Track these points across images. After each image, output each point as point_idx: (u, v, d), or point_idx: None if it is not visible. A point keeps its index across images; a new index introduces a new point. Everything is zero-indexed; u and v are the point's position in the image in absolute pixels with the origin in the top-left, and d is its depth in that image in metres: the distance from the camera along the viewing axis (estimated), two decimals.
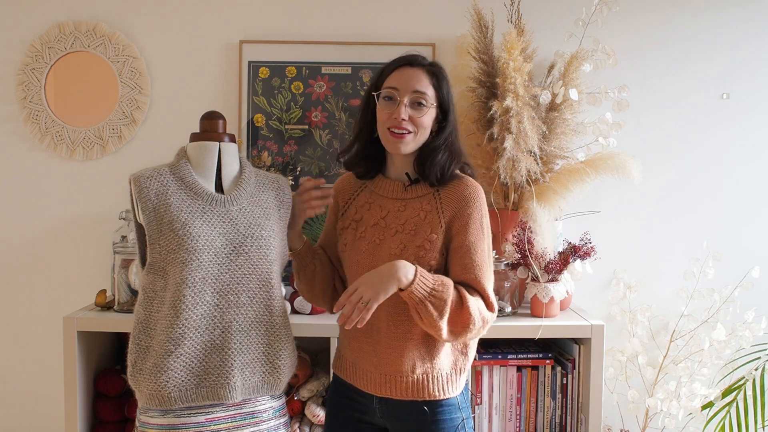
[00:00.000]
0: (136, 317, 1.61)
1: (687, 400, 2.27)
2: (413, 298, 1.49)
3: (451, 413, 1.62)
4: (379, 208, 1.66)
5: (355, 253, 1.64)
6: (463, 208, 1.59)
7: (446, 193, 1.62)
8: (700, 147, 2.45)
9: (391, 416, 1.64)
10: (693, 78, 2.43)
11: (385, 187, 1.67)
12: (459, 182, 1.63)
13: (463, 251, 1.58)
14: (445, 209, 1.60)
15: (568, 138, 2.24)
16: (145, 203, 1.58)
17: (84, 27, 2.37)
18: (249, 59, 2.39)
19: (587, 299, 2.42)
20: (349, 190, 1.74)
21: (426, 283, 1.49)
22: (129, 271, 2.09)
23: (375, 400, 1.64)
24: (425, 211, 1.61)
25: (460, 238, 1.58)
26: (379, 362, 1.61)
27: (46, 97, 2.39)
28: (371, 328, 1.61)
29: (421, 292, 1.48)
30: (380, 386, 1.62)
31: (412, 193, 1.64)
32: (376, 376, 1.62)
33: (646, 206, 2.46)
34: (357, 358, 1.66)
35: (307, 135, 2.40)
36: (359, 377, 1.65)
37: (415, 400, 1.60)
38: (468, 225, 1.58)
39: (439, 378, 1.61)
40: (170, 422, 1.55)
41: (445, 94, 1.61)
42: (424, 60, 1.62)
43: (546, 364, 2.09)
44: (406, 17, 2.40)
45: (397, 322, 1.59)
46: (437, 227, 1.59)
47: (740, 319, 2.34)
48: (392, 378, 1.60)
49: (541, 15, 2.38)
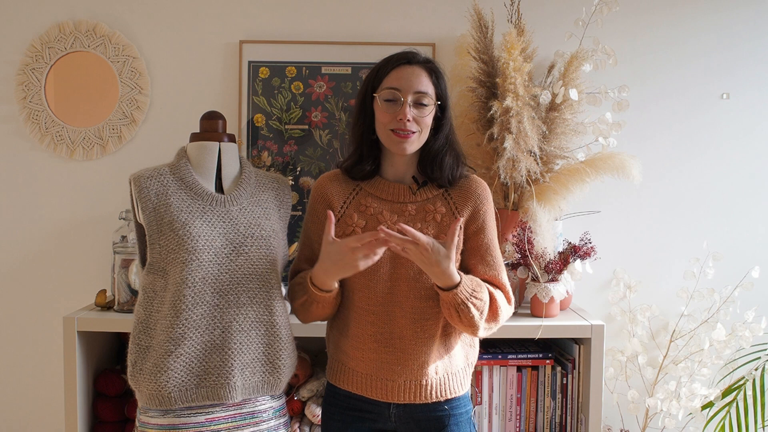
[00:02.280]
0: (136, 317, 1.61)
1: (687, 400, 2.27)
2: (457, 300, 1.48)
3: (465, 406, 1.65)
4: (389, 213, 1.60)
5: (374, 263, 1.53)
6: (480, 207, 1.60)
7: (458, 193, 1.61)
8: (700, 147, 2.45)
9: (408, 419, 1.62)
10: (693, 78, 2.44)
11: (388, 190, 1.62)
12: (469, 181, 1.62)
13: (483, 250, 1.60)
14: (460, 209, 1.60)
15: (568, 138, 2.24)
16: (145, 203, 1.58)
17: (84, 27, 2.37)
18: (249, 59, 2.39)
19: (587, 299, 2.42)
20: (342, 192, 1.64)
21: (468, 284, 1.50)
22: (129, 271, 2.09)
23: (392, 407, 1.62)
24: (440, 213, 1.60)
25: (480, 237, 1.60)
26: (402, 370, 1.58)
27: (46, 97, 2.39)
28: (392, 337, 1.58)
29: (465, 293, 1.48)
30: (402, 393, 1.59)
31: (420, 196, 1.61)
32: (397, 384, 1.58)
33: (646, 206, 2.46)
34: (372, 369, 1.60)
35: (307, 135, 2.40)
36: (375, 388, 1.60)
37: (437, 402, 1.60)
38: (485, 223, 1.61)
39: (457, 374, 1.63)
40: (170, 422, 1.55)
41: (442, 91, 1.60)
42: (420, 57, 1.59)
43: (546, 364, 2.09)
44: (406, 17, 2.40)
45: (423, 327, 1.57)
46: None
47: (740, 319, 2.34)
48: (417, 383, 1.58)
49: (541, 15, 2.38)
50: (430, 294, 1.56)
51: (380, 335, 1.58)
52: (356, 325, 1.61)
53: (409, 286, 1.56)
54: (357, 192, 1.64)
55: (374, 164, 1.63)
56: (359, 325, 1.61)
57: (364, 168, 1.63)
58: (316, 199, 1.67)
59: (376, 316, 1.58)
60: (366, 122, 1.61)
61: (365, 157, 1.63)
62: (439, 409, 1.61)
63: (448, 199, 1.61)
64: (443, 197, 1.61)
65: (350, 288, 1.61)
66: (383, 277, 1.57)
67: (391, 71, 1.57)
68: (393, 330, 1.57)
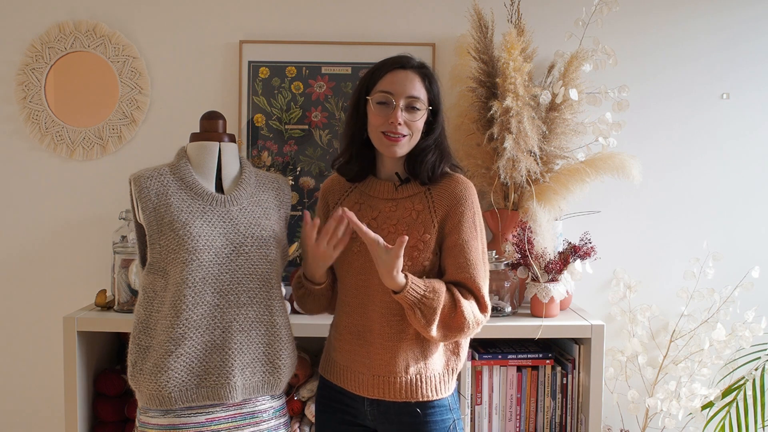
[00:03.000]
0: (137, 317, 1.61)
1: (687, 400, 2.27)
2: (406, 302, 1.51)
3: (442, 414, 1.62)
4: (370, 208, 1.65)
5: (347, 254, 1.63)
6: (456, 206, 1.59)
7: (438, 191, 1.61)
8: (700, 147, 2.45)
9: (383, 418, 1.63)
10: (693, 78, 2.44)
11: (376, 188, 1.66)
12: (450, 180, 1.63)
13: (456, 250, 1.57)
14: (437, 208, 1.60)
15: (568, 138, 2.24)
16: (145, 203, 1.58)
17: (84, 27, 2.37)
18: (249, 59, 2.39)
19: (587, 299, 2.42)
20: (339, 191, 1.73)
21: (417, 290, 1.50)
22: (129, 271, 2.09)
23: (366, 403, 1.63)
24: (417, 210, 1.61)
25: (453, 236, 1.58)
26: (371, 364, 1.60)
27: (46, 97, 2.39)
28: (363, 330, 1.61)
29: (411, 298, 1.50)
30: (372, 388, 1.61)
31: (402, 193, 1.64)
32: (368, 378, 1.61)
33: (646, 206, 2.46)
34: (348, 360, 1.65)
35: (307, 135, 2.40)
36: (350, 380, 1.65)
37: (407, 402, 1.60)
38: (461, 223, 1.58)
39: (432, 378, 1.61)
40: (170, 422, 1.55)
41: (435, 95, 1.62)
42: (414, 61, 1.61)
43: (546, 364, 2.09)
44: (406, 17, 2.40)
45: (390, 323, 1.59)
46: (430, 227, 1.59)
47: (740, 319, 2.34)
48: (385, 379, 1.59)
49: (541, 15, 2.38)
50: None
51: (354, 326, 1.63)
52: (338, 316, 1.70)
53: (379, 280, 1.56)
54: (351, 191, 1.71)
55: (362, 165, 1.68)
56: (339, 316, 1.69)
57: (353, 169, 1.68)
58: (319, 198, 1.78)
59: (351, 308, 1.64)
60: (359, 123, 1.65)
61: (354, 157, 1.67)
62: (410, 411, 1.60)
63: (427, 196, 1.62)
64: (424, 195, 1.62)
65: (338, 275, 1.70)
66: (356, 269, 1.62)
67: (385, 75, 1.59)
68: (365, 323, 1.60)
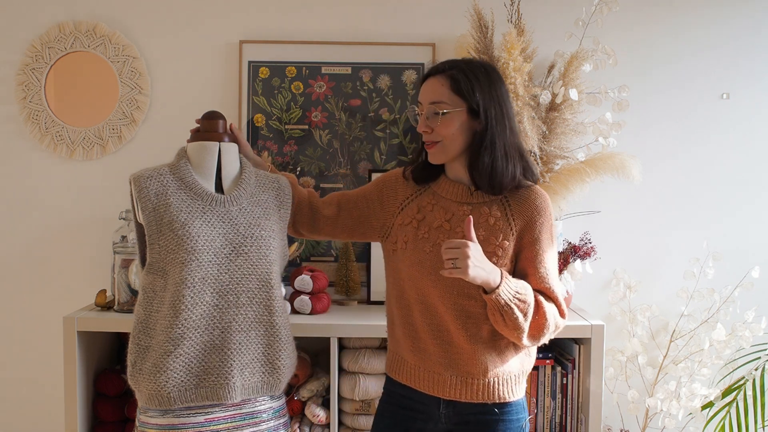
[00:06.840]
0: (136, 317, 1.61)
1: (687, 400, 2.27)
2: (499, 301, 1.48)
3: (517, 413, 1.63)
4: (443, 210, 1.62)
5: (417, 252, 1.59)
6: (535, 219, 1.58)
7: (516, 200, 1.60)
8: (700, 147, 2.45)
9: (458, 419, 1.61)
10: (693, 78, 2.44)
11: (448, 189, 1.64)
12: (529, 191, 1.61)
13: (536, 262, 1.58)
14: (516, 217, 1.59)
15: (568, 138, 2.23)
16: (145, 203, 1.58)
17: (84, 27, 2.37)
18: (249, 59, 2.39)
19: (587, 299, 2.42)
20: (411, 187, 1.69)
21: (511, 285, 1.49)
22: (129, 271, 2.09)
23: (442, 405, 1.61)
24: (495, 217, 1.59)
25: (533, 248, 1.58)
26: (450, 363, 1.58)
27: (46, 97, 2.39)
28: (440, 328, 1.59)
29: (507, 294, 1.48)
30: (450, 388, 1.59)
31: (478, 198, 1.61)
32: (446, 377, 1.59)
33: (646, 206, 2.46)
34: (423, 359, 1.61)
35: (307, 135, 2.40)
36: (426, 380, 1.61)
37: (485, 403, 1.59)
38: (541, 234, 1.58)
39: (509, 380, 1.61)
40: (170, 422, 1.55)
41: (466, 93, 1.55)
42: (443, 66, 1.58)
43: (546, 364, 2.09)
44: (406, 17, 2.40)
45: (466, 325, 1.57)
46: (509, 234, 1.58)
47: (740, 319, 2.34)
48: (464, 380, 1.58)
49: (541, 15, 2.37)
50: (471, 293, 1.55)
51: (429, 326, 1.60)
52: (409, 315, 1.63)
53: (450, 280, 1.55)
54: (424, 189, 1.69)
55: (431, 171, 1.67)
56: (411, 315, 1.63)
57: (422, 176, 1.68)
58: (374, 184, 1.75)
59: (424, 306, 1.60)
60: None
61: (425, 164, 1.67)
62: (488, 411, 1.60)
63: (505, 203, 1.60)
64: (500, 202, 1.61)
65: (403, 278, 1.64)
66: (428, 269, 1.58)
67: (421, 86, 1.63)
68: (440, 322, 1.58)
